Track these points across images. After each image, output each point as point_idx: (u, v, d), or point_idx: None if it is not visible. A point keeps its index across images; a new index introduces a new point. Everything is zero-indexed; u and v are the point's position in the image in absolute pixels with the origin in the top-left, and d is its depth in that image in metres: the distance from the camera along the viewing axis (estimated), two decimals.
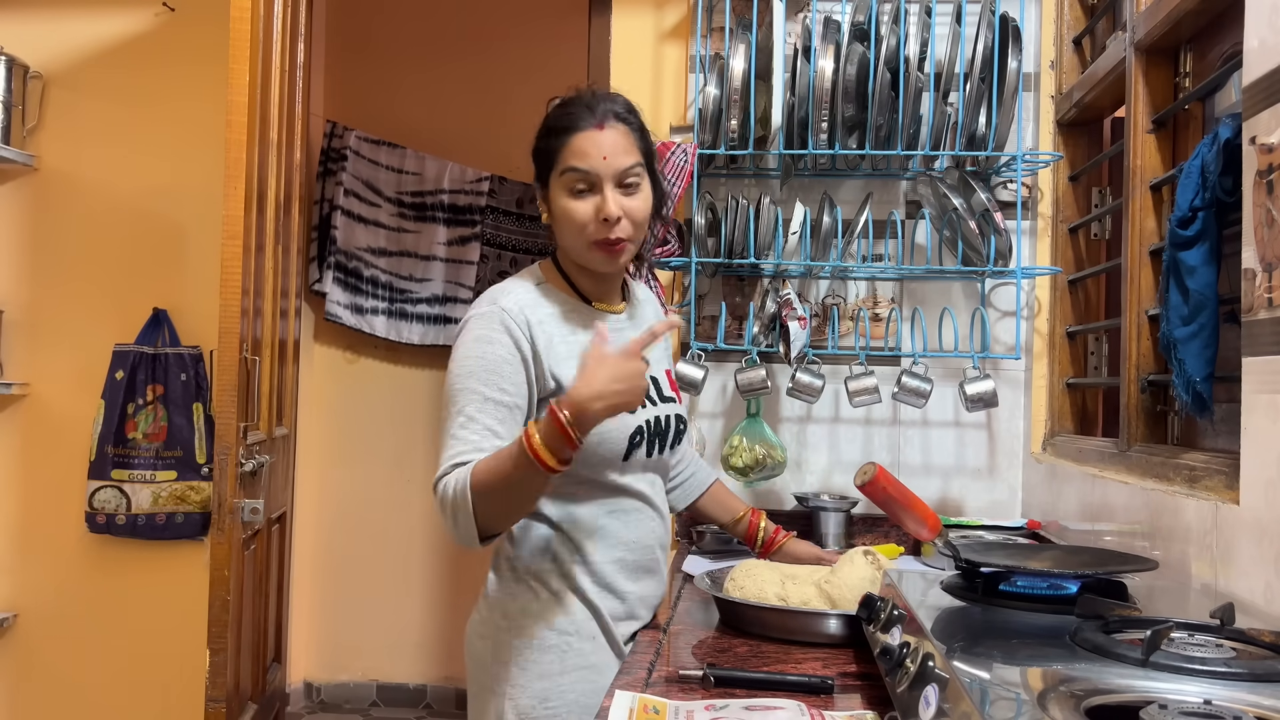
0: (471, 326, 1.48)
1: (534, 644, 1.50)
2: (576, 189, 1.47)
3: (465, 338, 1.48)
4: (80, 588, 3.21)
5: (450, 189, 4.05)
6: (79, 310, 3.22)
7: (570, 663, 1.50)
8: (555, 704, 1.48)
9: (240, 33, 2.34)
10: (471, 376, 1.42)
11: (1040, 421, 2.43)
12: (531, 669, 1.49)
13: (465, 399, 1.41)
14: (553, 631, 1.50)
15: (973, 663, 1.00)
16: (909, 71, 2.22)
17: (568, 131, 1.47)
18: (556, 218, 1.51)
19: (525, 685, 1.49)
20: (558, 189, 1.48)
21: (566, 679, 1.49)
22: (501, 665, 1.51)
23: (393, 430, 4.15)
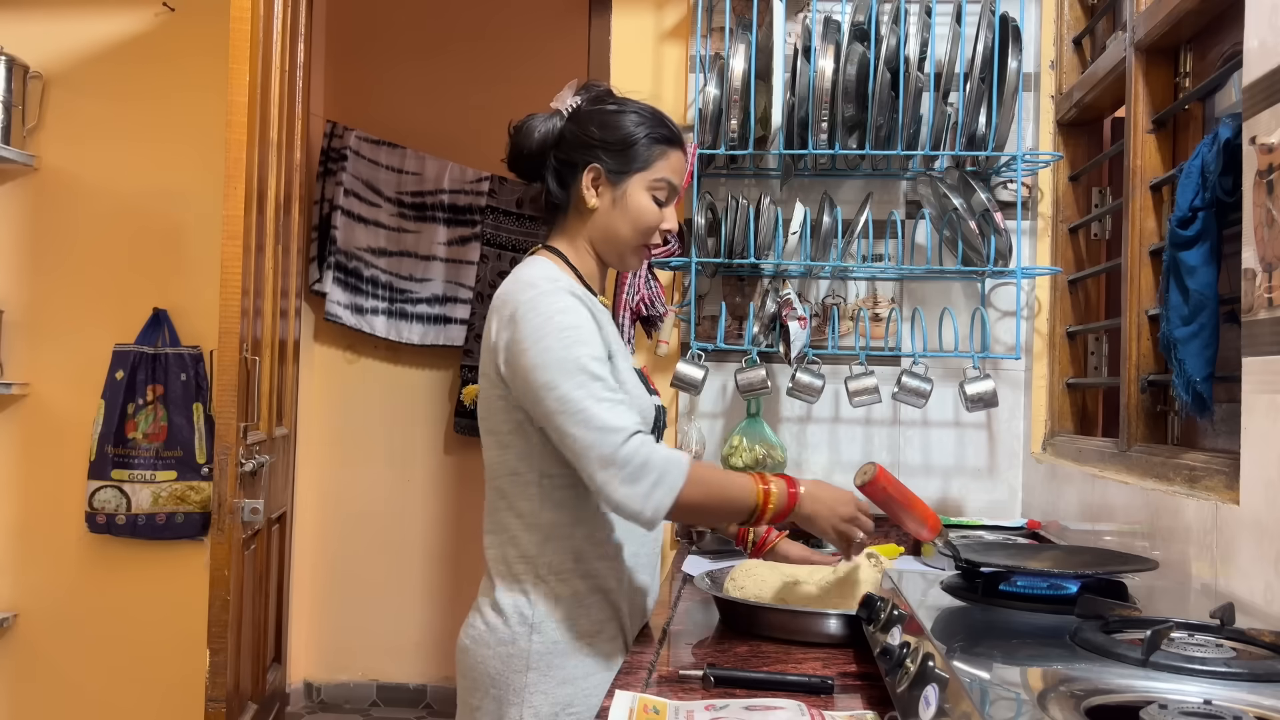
0: (544, 303, 1.44)
1: (556, 648, 1.46)
2: (657, 197, 1.54)
3: (544, 312, 1.43)
4: (80, 588, 3.21)
5: (450, 189, 4.05)
6: (79, 310, 3.22)
7: (592, 666, 1.47)
8: (579, 708, 1.45)
9: (240, 32, 2.34)
10: (582, 344, 1.41)
11: (1040, 421, 2.43)
12: (554, 674, 1.45)
13: (590, 364, 1.40)
14: (575, 634, 1.47)
15: (973, 663, 1.00)
16: (909, 71, 2.22)
17: (670, 144, 1.55)
18: (623, 212, 1.53)
19: (548, 692, 1.44)
20: (640, 190, 1.53)
21: (589, 682, 1.46)
22: (517, 674, 1.45)
23: (393, 430, 4.15)
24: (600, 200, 1.53)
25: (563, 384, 1.38)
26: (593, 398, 1.37)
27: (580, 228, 1.56)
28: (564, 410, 1.37)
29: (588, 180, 1.53)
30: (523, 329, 1.42)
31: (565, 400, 1.37)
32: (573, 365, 1.39)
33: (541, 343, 1.40)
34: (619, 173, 1.52)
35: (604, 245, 1.56)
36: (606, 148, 1.52)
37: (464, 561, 4.07)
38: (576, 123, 1.54)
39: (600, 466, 1.35)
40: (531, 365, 1.40)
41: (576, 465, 1.39)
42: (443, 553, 4.15)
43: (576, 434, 1.36)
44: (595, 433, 1.35)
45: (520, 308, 1.44)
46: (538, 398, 1.40)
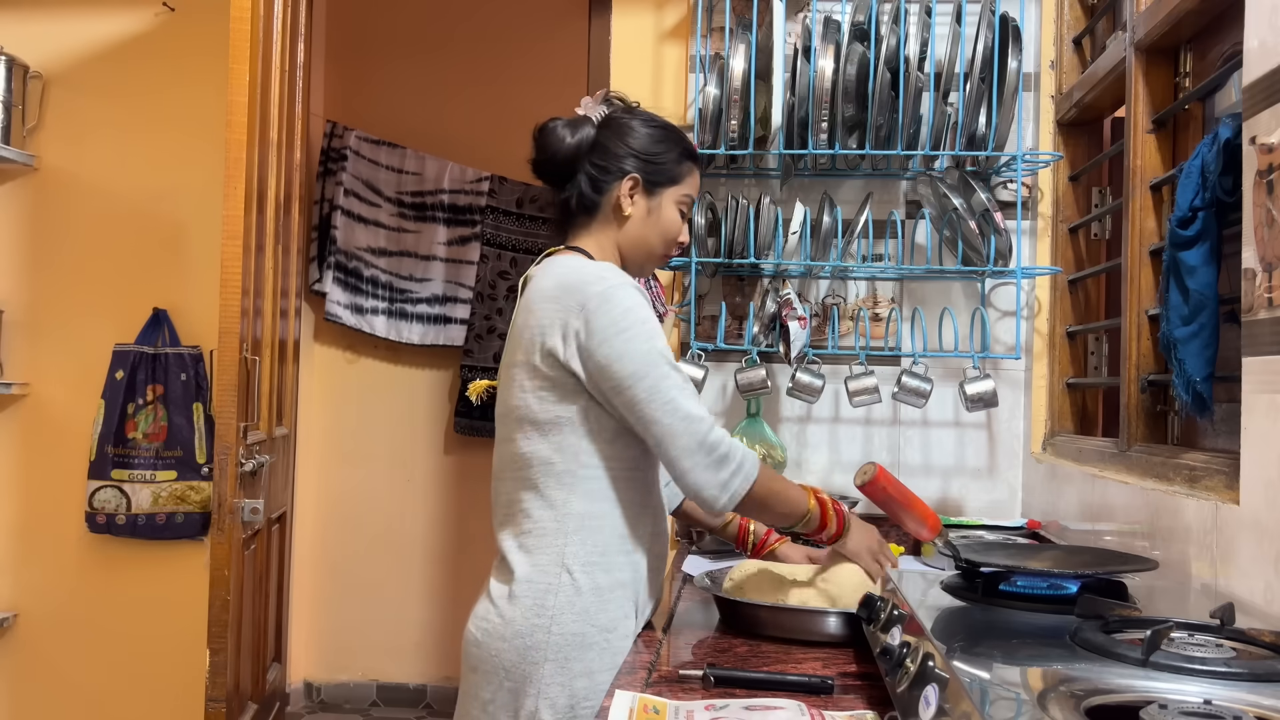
0: (618, 295, 1.49)
1: (575, 640, 1.46)
2: (682, 210, 1.65)
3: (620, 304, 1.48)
4: (80, 588, 3.21)
5: (450, 189, 4.05)
6: (79, 310, 3.22)
7: (608, 661, 1.48)
8: (594, 702, 1.45)
9: (240, 32, 2.34)
10: (657, 337, 1.49)
11: (1040, 421, 2.43)
12: (572, 666, 1.46)
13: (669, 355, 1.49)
14: (594, 627, 1.48)
15: (973, 663, 1.00)
16: (909, 71, 2.22)
17: (696, 162, 1.67)
18: (654, 222, 1.62)
19: (565, 684, 1.45)
20: (670, 203, 1.63)
21: (605, 677, 1.46)
22: (534, 665, 1.46)
23: (393, 430, 4.15)
24: (635, 209, 1.60)
25: (651, 373, 1.45)
26: (677, 388, 1.46)
27: (611, 233, 1.62)
28: (653, 399, 1.44)
29: (625, 189, 1.59)
30: (601, 320, 1.46)
31: (655, 390, 1.44)
32: (657, 356, 1.46)
33: (626, 333, 1.46)
34: (655, 184, 1.60)
35: (632, 252, 1.63)
36: (644, 159, 1.59)
37: (464, 561, 4.07)
38: (612, 131, 1.60)
39: (688, 452, 1.44)
40: (617, 354, 1.45)
41: (661, 449, 1.46)
42: (443, 553, 4.15)
43: (667, 421, 1.44)
44: (683, 420, 1.44)
45: (594, 299, 1.47)
46: (623, 386, 1.45)
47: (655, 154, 1.60)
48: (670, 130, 1.64)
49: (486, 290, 4.02)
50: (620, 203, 1.59)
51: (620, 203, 1.59)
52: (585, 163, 1.59)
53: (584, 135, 1.59)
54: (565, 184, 1.61)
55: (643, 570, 1.55)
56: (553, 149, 1.60)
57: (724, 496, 1.45)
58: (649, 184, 1.60)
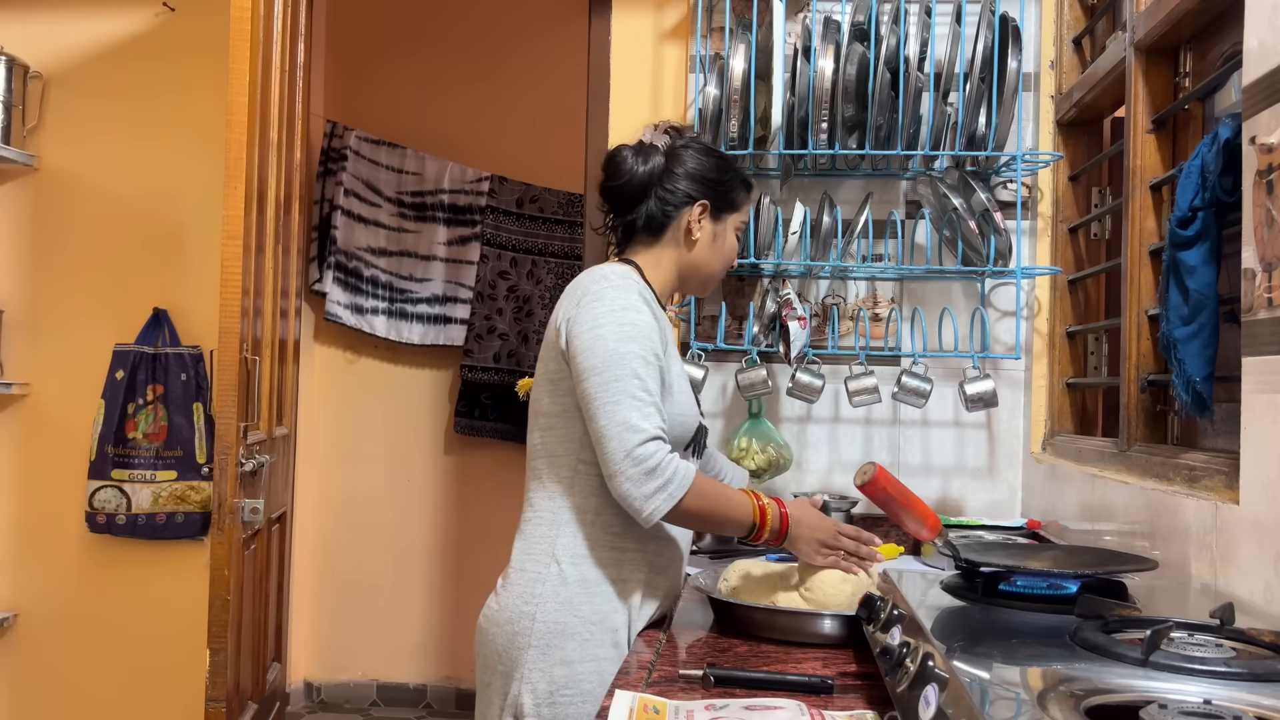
0: (611, 295, 1.56)
1: (557, 629, 1.52)
2: (739, 236, 1.78)
3: (610, 304, 1.54)
4: (80, 588, 3.21)
5: (450, 189, 4.05)
6: (79, 310, 3.22)
7: (590, 652, 1.52)
8: (571, 691, 1.50)
9: (240, 32, 2.34)
10: (634, 341, 1.52)
11: (1040, 421, 2.44)
12: (553, 654, 1.51)
13: (634, 362, 1.51)
14: (577, 618, 1.53)
15: (973, 662, 1.00)
16: (909, 71, 2.22)
17: (750, 192, 1.79)
18: (719, 246, 1.73)
19: (546, 670, 1.51)
20: (731, 226, 1.74)
21: (585, 667, 1.52)
22: (520, 650, 1.52)
23: (393, 430, 4.15)
24: (703, 233, 1.70)
25: (604, 372, 1.49)
26: (627, 394, 1.48)
27: (672, 253, 1.71)
28: (599, 397, 1.49)
29: (696, 214, 1.68)
30: (585, 313, 1.54)
31: (601, 388, 1.49)
32: (618, 359, 1.50)
33: (598, 329, 1.52)
34: (722, 212, 1.72)
35: (692, 271, 1.73)
36: (714, 187, 1.70)
37: (464, 561, 4.06)
38: (680, 160, 1.70)
39: (616, 458, 1.47)
40: (585, 347, 1.52)
41: (597, 448, 1.50)
42: (443, 552, 4.15)
43: (603, 423, 1.48)
44: (619, 427, 1.47)
45: (588, 294, 1.56)
46: (581, 378, 1.51)
47: (721, 182, 1.71)
48: (729, 160, 1.75)
49: (486, 290, 4.02)
50: (690, 227, 1.68)
51: (690, 227, 1.68)
52: (656, 188, 1.68)
53: (655, 164, 1.69)
54: (634, 207, 1.69)
55: (639, 567, 1.58)
56: (625, 176, 1.69)
57: (646, 509, 1.47)
58: (716, 210, 1.70)
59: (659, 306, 1.66)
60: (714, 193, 1.69)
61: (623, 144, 1.73)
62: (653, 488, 1.46)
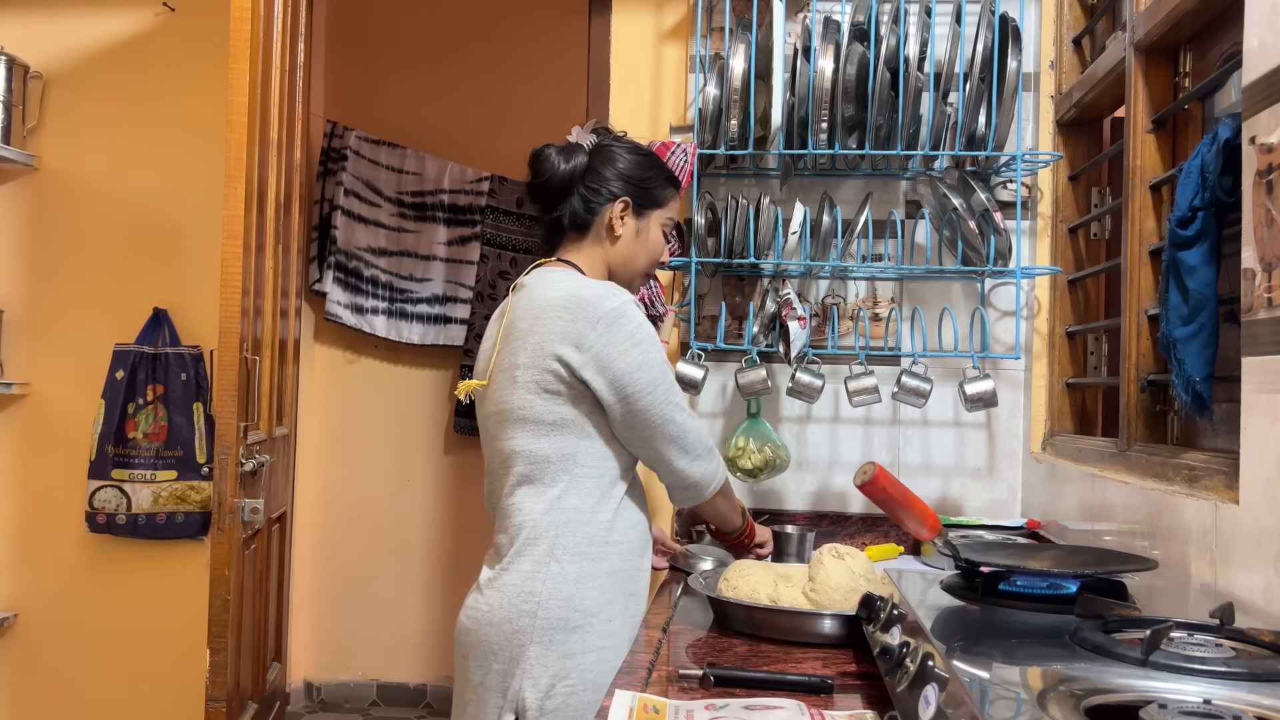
0: (632, 312, 1.65)
1: (558, 623, 1.56)
2: (665, 231, 1.83)
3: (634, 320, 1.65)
4: (80, 588, 3.21)
5: (450, 189, 4.05)
6: (79, 310, 3.22)
7: (591, 643, 1.57)
8: (574, 682, 1.55)
9: (240, 33, 2.34)
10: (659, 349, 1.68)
11: (1040, 421, 2.44)
12: (555, 648, 1.55)
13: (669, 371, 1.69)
14: (577, 611, 1.57)
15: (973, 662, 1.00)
16: (909, 71, 2.22)
17: (678, 187, 1.85)
18: (644, 243, 1.79)
19: (547, 664, 1.55)
20: (657, 225, 1.80)
21: (587, 658, 1.56)
22: (520, 647, 1.55)
23: (393, 430, 4.15)
24: (626, 229, 1.75)
25: (664, 380, 1.65)
26: (680, 394, 1.69)
27: (599, 251, 1.76)
28: (669, 402, 1.64)
29: (618, 211, 1.74)
30: (619, 334, 1.61)
31: (670, 394, 1.65)
32: (666, 370, 1.67)
33: (641, 345, 1.63)
34: (644, 207, 1.77)
35: (621, 268, 1.78)
36: (635, 184, 1.75)
37: (464, 561, 4.07)
38: (603, 158, 1.75)
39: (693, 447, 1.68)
40: (638, 364, 1.62)
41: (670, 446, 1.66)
42: (443, 552, 4.15)
43: (680, 420, 1.66)
44: (692, 419, 1.68)
45: (610, 314, 1.62)
46: (644, 392, 1.62)
47: (643, 179, 1.76)
48: (655, 158, 1.81)
49: (486, 290, 4.02)
50: (612, 223, 1.74)
51: (612, 223, 1.74)
52: (579, 186, 1.74)
53: (578, 162, 1.74)
54: (558, 205, 1.75)
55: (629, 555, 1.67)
56: (548, 174, 1.74)
57: (712, 485, 1.73)
58: (638, 207, 1.76)
59: None
60: (636, 189, 1.75)
61: (549, 143, 1.78)
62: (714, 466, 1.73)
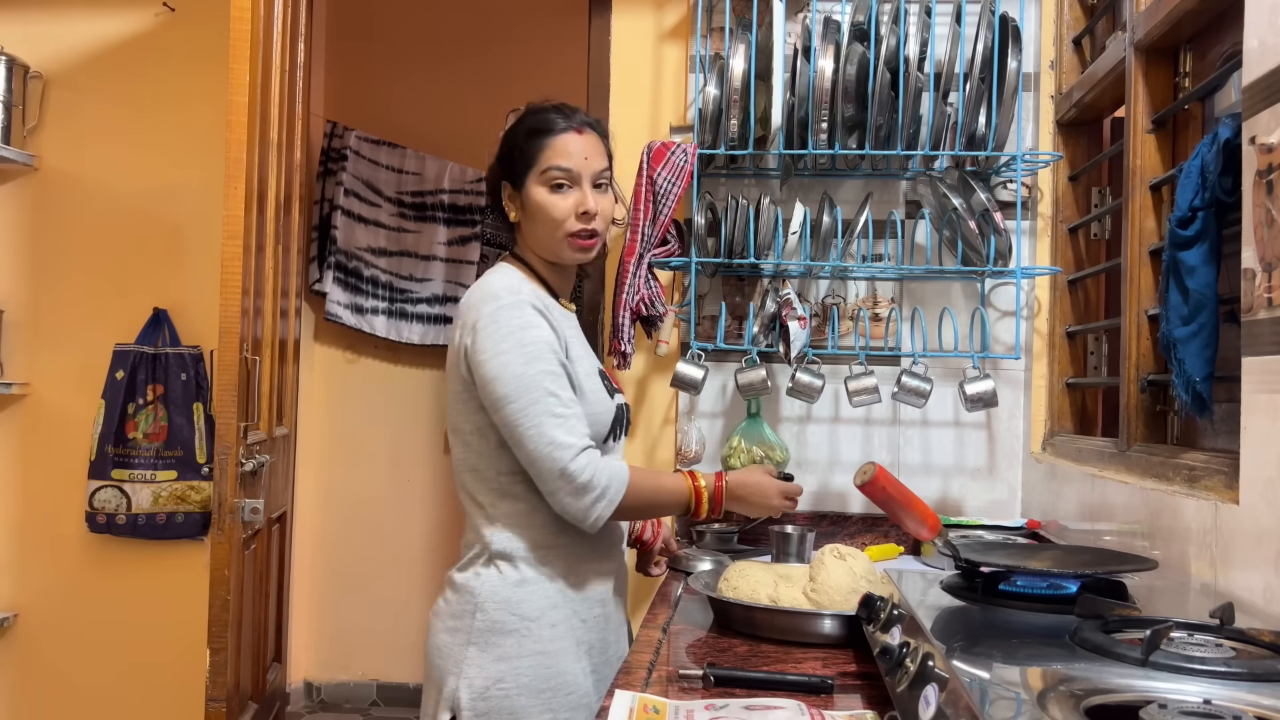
0: (504, 317, 1.54)
1: (495, 626, 1.55)
2: (556, 185, 1.61)
3: (505, 326, 1.53)
4: (80, 588, 3.21)
5: (450, 189, 4.05)
6: (79, 310, 3.22)
7: (528, 647, 1.55)
8: (509, 685, 1.53)
9: (240, 33, 2.34)
10: (539, 359, 1.52)
11: (1040, 421, 2.44)
12: (491, 650, 1.54)
13: (546, 379, 1.52)
14: (515, 616, 1.56)
15: (973, 662, 1.00)
16: (909, 71, 2.22)
17: (548, 133, 1.62)
18: (533, 213, 1.63)
19: (483, 666, 1.54)
20: (537, 186, 1.62)
21: (523, 662, 1.54)
22: (460, 647, 1.56)
23: (393, 430, 4.15)
24: (519, 212, 1.66)
25: (520, 398, 1.50)
26: (547, 413, 1.50)
27: (522, 242, 1.70)
28: (520, 423, 1.50)
29: (506, 199, 1.68)
30: (483, 340, 1.53)
31: (522, 414, 1.50)
32: (529, 381, 1.51)
33: (502, 356, 1.52)
34: (517, 180, 1.65)
35: (541, 250, 1.67)
36: (504, 162, 1.66)
37: None
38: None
39: (550, 477, 1.50)
40: (493, 377, 1.52)
41: (530, 471, 1.53)
42: (443, 552, 4.15)
43: (529, 448, 1.50)
44: (547, 447, 1.49)
45: (482, 318, 1.55)
46: (496, 408, 1.52)
47: (506, 152, 1.65)
48: (525, 119, 1.65)
49: None
50: (508, 213, 1.68)
51: (508, 213, 1.68)
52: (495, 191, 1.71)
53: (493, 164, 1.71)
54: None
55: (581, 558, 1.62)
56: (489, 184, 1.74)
57: (589, 519, 1.52)
58: (514, 183, 1.65)
59: (552, 298, 1.66)
60: (506, 168, 1.66)
61: None
62: (590, 499, 1.50)
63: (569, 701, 1.55)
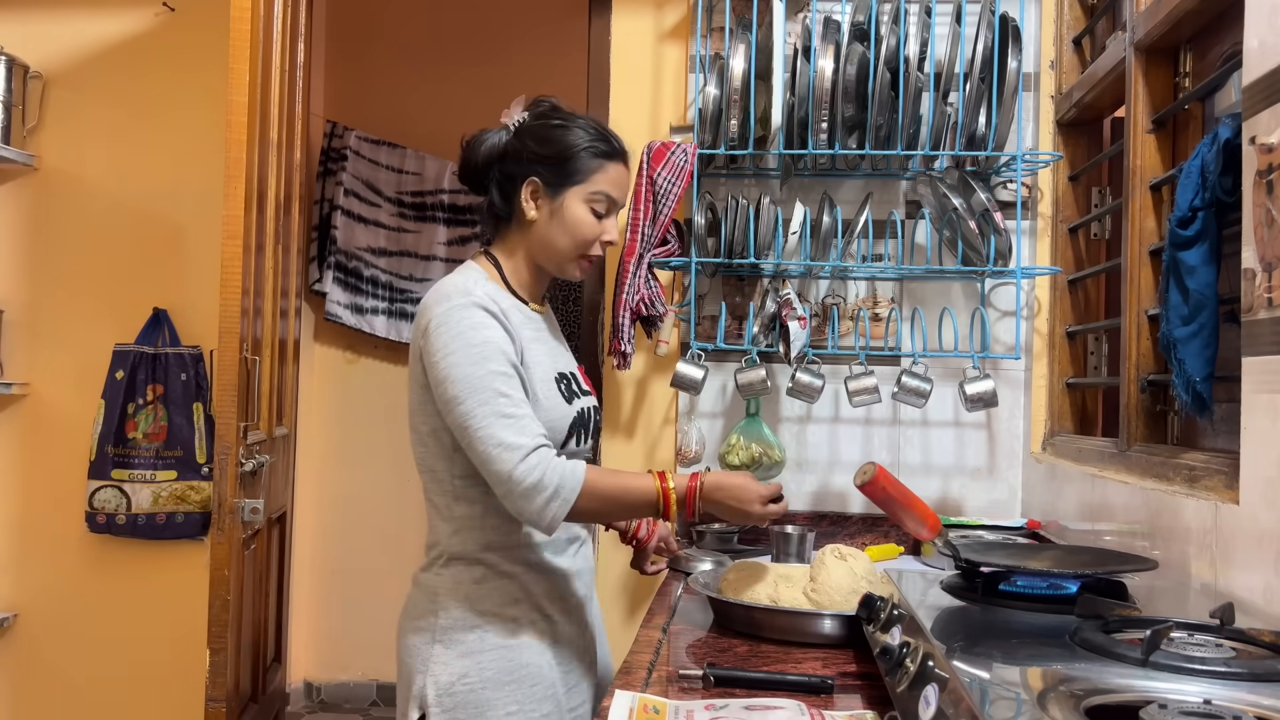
0: (455, 318, 1.51)
1: (457, 623, 1.57)
2: (595, 209, 1.61)
3: (455, 328, 1.50)
4: (80, 588, 3.20)
5: (450, 189, 4.05)
6: (79, 310, 3.22)
7: (490, 641, 1.56)
8: (473, 679, 1.55)
9: (240, 33, 2.34)
10: (489, 360, 1.49)
11: (1040, 421, 2.44)
12: (455, 647, 1.56)
13: (495, 380, 1.48)
14: (475, 612, 1.57)
15: (973, 662, 1.00)
16: (909, 71, 2.22)
17: (609, 158, 1.62)
18: (561, 222, 1.61)
19: (448, 663, 1.56)
20: (575, 200, 1.60)
21: (486, 657, 1.55)
22: (426, 645, 1.58)
23: (393, 430, 4.14)
24: (539, 212, 1.61)
25: (468, 400, 1.47)
26: (496, 414, 1.46)
27: (519, 239, 1.65)
28: (468, 425, 1.47)
29: (527, 193, 1.61)
30: (434, 342, 1.51)
31: (469, 416, 1.46)
32: (478, 382, 1.47)
33: (450, 358, 1.49)
34: (556, 185, 1.60)
35: (542, 256, 1.64)
36: (545, 161, 1.60)
37: None
38: (519, 137, 1.63)
39: (500, 480, 1.46)
40: (442, 378, 1.49)
41: (482, 474, 1.49)
42: None
43: (479, 450, 1.46)
44: (496, 449, 1.45)
45: (434, 320, 1.52)
46: (447, 409, 1.50)
47: (557, 154, 1.60)
48: (583, 129, 1.62)
49: None
50: (524, 207, 1.61)
51: (524, 207, 1.61)
52: (495, 170, 1.64)
53: (494, 143, 1.64)
54: (483, 192, 1.67)
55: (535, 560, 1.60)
56: (466, 158, 1.67)
57: (543, 521, 1.46)
58: (550, 185, 1.60)
59: (516, 300, 1.63)
60: (544, 167, 1.60)
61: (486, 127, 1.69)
62: (543, 500, 1.45)
63: (535, 693, 1.56)
